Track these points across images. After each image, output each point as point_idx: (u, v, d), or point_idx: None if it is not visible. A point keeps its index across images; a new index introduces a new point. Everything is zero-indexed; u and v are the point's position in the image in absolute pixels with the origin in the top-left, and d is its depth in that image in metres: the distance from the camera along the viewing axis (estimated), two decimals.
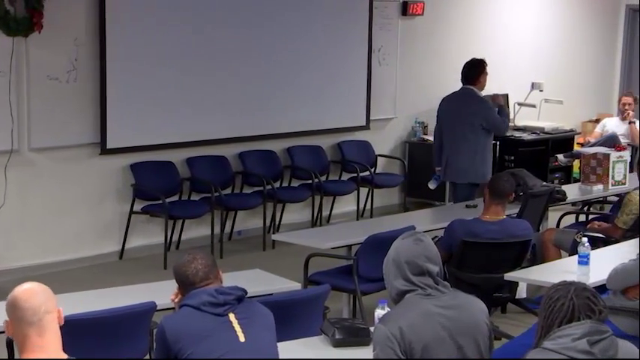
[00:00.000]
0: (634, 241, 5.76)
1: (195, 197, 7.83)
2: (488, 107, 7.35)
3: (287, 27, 8.36)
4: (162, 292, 3.77)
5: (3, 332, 2.95)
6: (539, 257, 6.26)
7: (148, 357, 4.27)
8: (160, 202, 7.34)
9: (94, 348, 3.95)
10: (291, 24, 8.39)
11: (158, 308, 4.13)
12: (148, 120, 7.53)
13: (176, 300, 3.46)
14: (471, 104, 7.28)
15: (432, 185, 7.61)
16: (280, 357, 3.43)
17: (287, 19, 8.36)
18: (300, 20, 8.46)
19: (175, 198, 7.69)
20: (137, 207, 7.47)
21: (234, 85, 8.06)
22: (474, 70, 7.37)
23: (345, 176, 8.91)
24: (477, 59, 7.46)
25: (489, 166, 7.38)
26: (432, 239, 3.63)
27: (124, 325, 4.07)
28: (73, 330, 3.74)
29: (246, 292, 3.38)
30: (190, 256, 3.40)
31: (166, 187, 7.58)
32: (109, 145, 7.31)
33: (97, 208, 7.41)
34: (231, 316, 3.28)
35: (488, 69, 7.53)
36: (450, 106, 7.48)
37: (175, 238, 7.77)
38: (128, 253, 7.51)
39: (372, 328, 3.65)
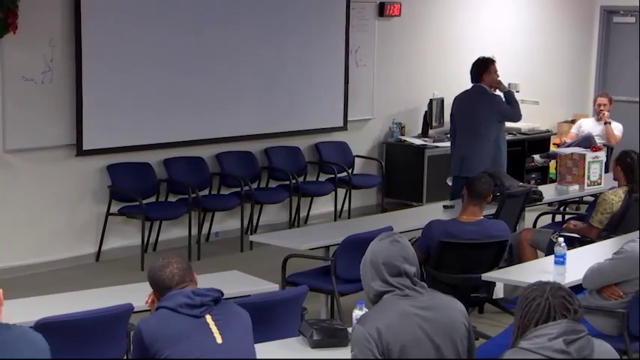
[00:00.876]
0: (609, 241, 5.81)
1: (172, 198, 7.80)
2: (500, 101, 7.58)
3: (264, 28, 8.35)
4: (140, 294, 3.76)
5: None
6: (515, 257, 6.28)
7: (125, 359, 4.26)
8: (137, 203, 7.31)
9: (71, 350, 3.93)
10: (268, 25, 8.38)
11: (135, 310, 4.11)
12: (124, 121, 7.49)
13: (150, 303, 3.44)
14: (483, 102, 7.50)
15: (450, 181, 7.75)
16: (258, 358, 3.42)
17: (264, 20, 8.35)
18: (277, 21, 8.45)
19: (152, 199, 7.66)
20: (114, 208, 7.44)
21: (212, 86, 8.04)
22: (478, 69, 7.57)
23: (323, 177, 8.91)
24: (482, 58, 7.68)
25: (504, 154, 7.59)
26: (410, 240, 3.64)
27: (101, 327, 4.05)
28: (50, 332, 3.71)
29: (222, 294, 3.37)
30: (165, 260, 3.39)
31: (143, 188, 7.55)
32: (86, 147, 7.27)
33: (74, 210, 7.37)
34: (208, 318, 3.27)
35: (465, 70, 7.58)
36: (462, 106, 7.64)
37: (152, 239, 7.74)
38: (105, 255, 7.48)
39: (350, 329, 3.66)
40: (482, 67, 7.55)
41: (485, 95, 7.52)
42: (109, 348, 4.12)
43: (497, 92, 7.65)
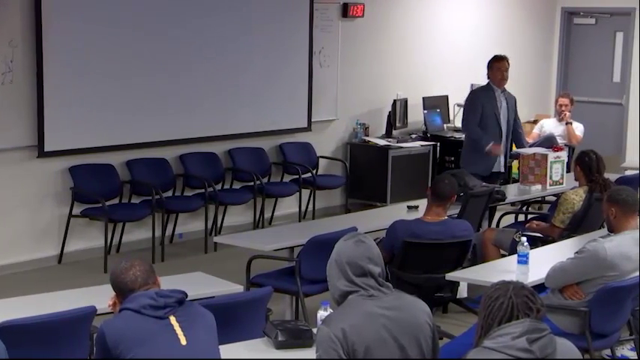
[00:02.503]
0: (571, 240, 5.87)
1: (135, 200, 7.76)
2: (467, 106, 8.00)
3: (228, 28, 8.33)
4: (103, 296, 3.73)
5: None
6: (479, 257, 6.32)
7: None
8: (100, 205, 7.25)
9: (32, 353, 3.89)
10: (231, 25, 8.36)
11: (98, 312, 4.08)
12: (86, 122, 7.43)
13: (113, 306, 3.42)
14: (484, 99, 7.86)
15: None
16: (222, 359, 3.42)
17: (228, 21, 8.33)
18: (240, 22, 8.43)
19: (115, 201, 7.61)
20: (76, 210, 7.38)
21: (175, 87, 8.00)
22: (488, 66, 7.92)
23: (287, 178, 8.90)
24: (495, 55, 7.99)
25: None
26: (375, 240, 3.65)
27: (63, 330, 4.01)
28: (12, 336, 3.68)
29: (186, 295, 3.36)
30: (128, 263, 3.37)
31: (106, 190, 7.50)
32: (47, 148, 7.20)
33: (35, 212, 7.29)
34: (172, 319, 3.25)
35: (429, 70, 7.63)
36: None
37: (116, 241, 7.69)
38: (67, 257, 7.41)
39: (314, 330, 3.66)
40: (488, 65, 7.93)
41: (482, 93, 7.91)
42: (71, 351, 4.08)
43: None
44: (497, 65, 7.87)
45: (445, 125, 10.18)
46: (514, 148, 8.06)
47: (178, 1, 8.00)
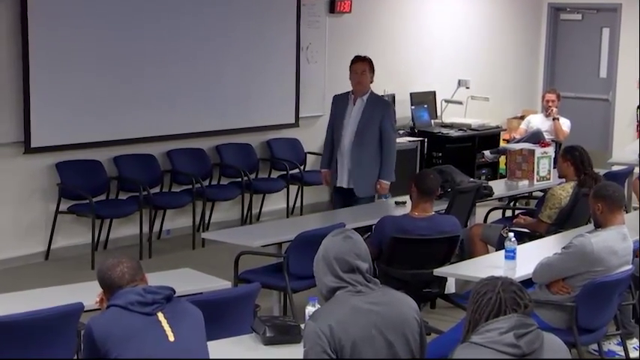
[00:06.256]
0: (558, 236, 5.89)
1: (122, 196, 7.73)
2: None
3: (215, 24, 8.31)
4: (90, 293, 3.72)
5: None
6: (467, 252, 6.34)
7: (75, 359, 4.21)
8: (87, 201, 7.23)
9: (19, 350, 3.88)
10: (218, 21, 8.34)
11: (86, 309, 4.07)
12: (73, 118, 7.40)
13: (100, 303, 3.41)
14: None
15: None
16: (210, 356, 3.41)
17: (215, 16, 8.31)
18: (227, 17, 8.41)
19: (103, 197, 7.59)
20: (63, 207, 7.35)
21: (162, 83, 7.98)
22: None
23: (275, 174, 8.89)
24: (355, 56, 6.95)
25: None
26: (362, 236, 3.65)
27: (50, 326, 4.00)
28: None
29: (174, 291, 3.35)
30: (115, 259, 3.36)
31: (93, 186, 7.47)
32: (34, 144, 7.17)
33: (22, 208, 7.27)
34: (160, 316, 3.25)
35: (416, 66, 7.59)
36: None
37: (103, 237, 7.66)
38: (54, 254, 7.39)
39: (302, 326, 3.66)
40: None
41: (338, 98, 7.02)
42: (58, 347, 4.07)
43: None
44: (353, 68, 6.77)
45: (432, 121, 10.19)
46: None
47: None
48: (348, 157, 6.76)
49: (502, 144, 10.13)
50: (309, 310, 3.85)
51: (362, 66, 6.74)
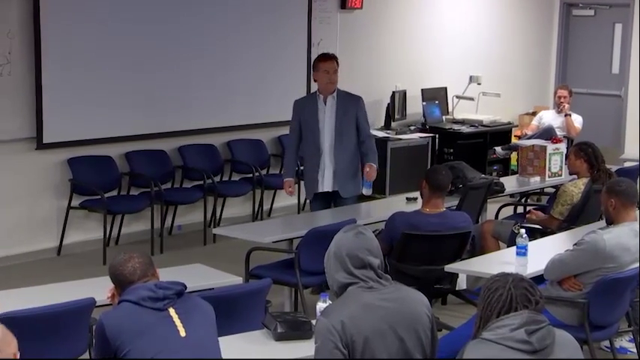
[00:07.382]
0: (570, 232, 5.87)
1: (134, 192, 7.75)
2: None
3: (226, 21, 8.32)
4: (102, 288, 3.73)
5: None
6: (478, 249, 6.32)
7: (87, 354, 4.23)
8: (99, 197, 7.25)
9: (32, 346, 3.88)
10: (230, 17, 8.34)
11: (97, 304, 4.08)
12: (85, 114, 7.42)
13: (111, 298, 3.42)
14: None
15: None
16: (222, 351, 3.42)
17: (226, 13, 8.32)
18: (239, 13, 8.42)
19: (114, 193, 7.61)
20: (75, 202, 7.37)
21: (174, 79, 7.99)
22: (313, 67, 6.78)
23: None
24: (321, 54, 6.88)
25: None
26: (374, 232, 3.65)
27: (63, 321, 4.01)
28: (10, 327, 3.67)
29: (185, 287, 3.36)
30: (127, 255, 3.37)
31: (105, 181, 7.49)
32: (46, 140, 7.20)
33: (34, 204, 7.29)
34: (172, 311, 3.26)
35: (427, 62, 7.57)
36: None
37: (115, 233, 7.69)
38: (66, 249, 7.41)
39: (313, 322, 3.66)
40: (313, 66, 6.74)
41: (303, 102, 6.81)
42: (71, 343, 4.08)
43: None
44: (322, 66, 6.53)
45: (444, 117, 10.18)
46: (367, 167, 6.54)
47: None
48: (330, 158, 6.55)
49: (514, 140, 10.10)
50: (321, 306, 3.85)
51: (333, 64, 6.56)
